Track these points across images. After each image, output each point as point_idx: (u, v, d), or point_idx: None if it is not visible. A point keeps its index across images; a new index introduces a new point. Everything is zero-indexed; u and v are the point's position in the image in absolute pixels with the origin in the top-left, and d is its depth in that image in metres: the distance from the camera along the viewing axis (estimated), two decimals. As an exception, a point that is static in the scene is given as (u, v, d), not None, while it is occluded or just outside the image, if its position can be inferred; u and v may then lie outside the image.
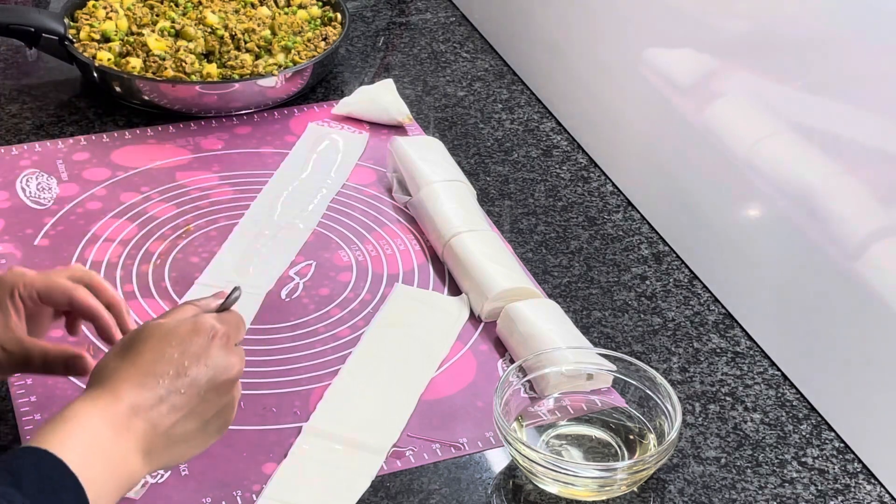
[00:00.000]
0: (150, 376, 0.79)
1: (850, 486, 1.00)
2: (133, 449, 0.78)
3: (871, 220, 1.01)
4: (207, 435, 0.83)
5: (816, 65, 1.05)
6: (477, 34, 1.65)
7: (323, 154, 1.37)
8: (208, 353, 0.82)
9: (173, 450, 0.81)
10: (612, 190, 1.34)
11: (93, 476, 0.74)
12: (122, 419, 0.77)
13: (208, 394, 0.82)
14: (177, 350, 0.81)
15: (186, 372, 0.80)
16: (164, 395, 0.79)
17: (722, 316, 1.17)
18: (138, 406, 0.78)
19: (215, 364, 0.82)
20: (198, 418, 0.81)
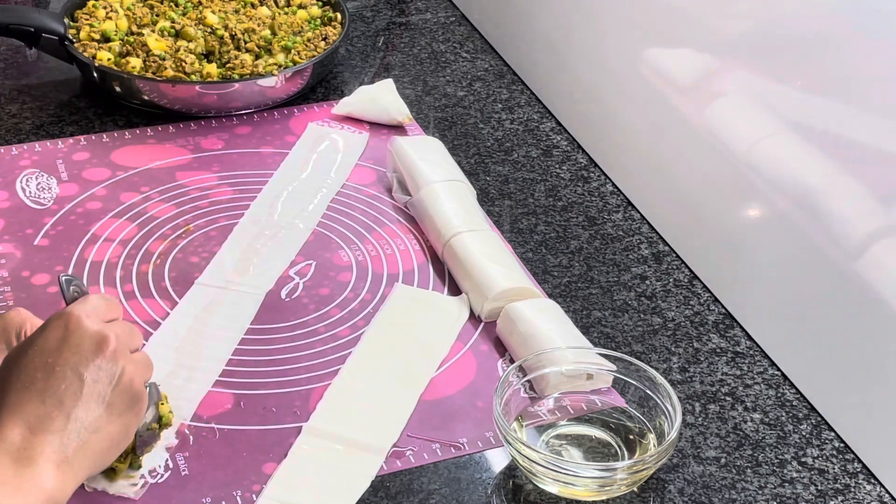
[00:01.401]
0: (22, 392, 0.75)
1: (850, 486, 1.00)
2: (43, 468, 0.74)
3: (871, 220, 1.01)
4: (118, 415, 0.80)
5: (816, 65, 1.05)
6: (477, 34, 1.65)
7: (323, 154, 1.37)
8: (68, 340, 0.79)
9: (91, 445, 0.77)
10: (612, 190, 1.34)
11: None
12: (18, 447, 0.73)
13: (90, 374, 0.78)
14: (35, 354, 0.78)
15: (55, 368, 0.77)
16: (44, 399, 0.75)
17: (722, 316, 1.17)
18: (27, 425, 0.74)
19: (80, 345, 0.78)
20: (96, 403, 0.78)
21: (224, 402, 1.04)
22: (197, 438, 1.01)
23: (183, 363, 1.08)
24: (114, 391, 0.79)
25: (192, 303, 1.15)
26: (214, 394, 1.05)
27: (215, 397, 1.05)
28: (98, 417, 0.78)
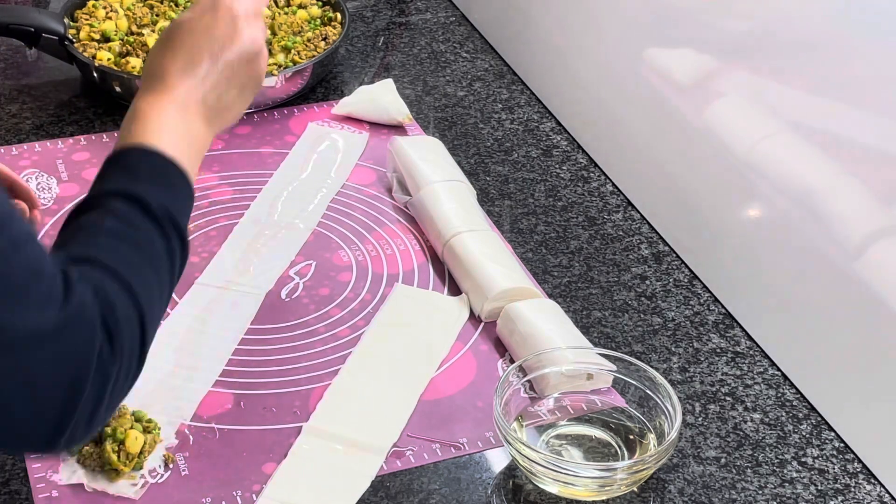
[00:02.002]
0: (190, 64, 0.91)
1: (850, 486, 1.00)
2: (197, 122, 0.91)
3: (871, 220, 1.01)
4: (246, 98, 0.96)
5: (817, 65, 1.05)
6: (477, 34, 1.65)
7: (323, 154, 1.37)
8: (233, 34, 0.93)
9: (223, 115, 0.94)
10: (612, 190, 1.34)
11: (180, 152, 0.88)
12: (181, 102, 0.90)
13: (240, 67, 0.94)
14: (204, 35, 0.93)
15: (219, 54, 0.92)
16: (205, 76, 0.92)
17: (722, 316, 1.17)
18: (188, 89, 0.91)
19: (241, 41, 0.94)
20: (236, 87, 0.94)
21: (224, 402, 1.04)
22: (197, 438, 1.01)
23: (183, 363, 1.08)
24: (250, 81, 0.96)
25: (192, 303, 1.15)
26: (214, 394, 1.05)
27: (215, 397, 1.05)
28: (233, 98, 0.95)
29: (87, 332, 0.75)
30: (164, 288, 0.84)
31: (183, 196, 0.87)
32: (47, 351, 0.72)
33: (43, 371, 0.73)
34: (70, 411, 0.74)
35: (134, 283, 0.79)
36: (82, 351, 0.74)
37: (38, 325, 0.72)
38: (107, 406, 0.77)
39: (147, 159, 0.86)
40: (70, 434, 0.75)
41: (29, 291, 0.72)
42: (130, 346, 0.78)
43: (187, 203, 0.88)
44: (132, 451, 0.96)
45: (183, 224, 0.86)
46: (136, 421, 0.98)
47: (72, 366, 0.74)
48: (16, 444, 0.80)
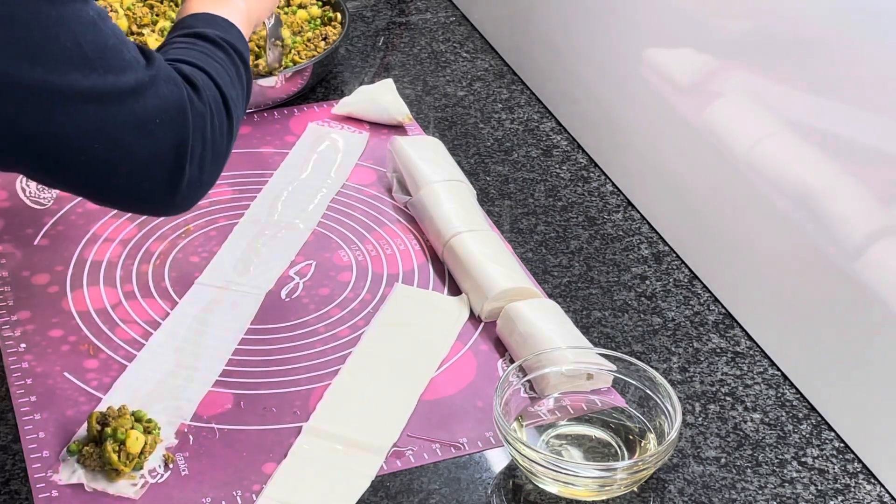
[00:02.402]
0: None
1: (850, 486, 1.00)
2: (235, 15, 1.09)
3: (871, 220, 1.01)
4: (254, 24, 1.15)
5: (816, 65, 1.05)
6: (477, 34, 1.65)
7: (323, 154, 1.37)
8: None
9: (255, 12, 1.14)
10: (612, 190, 1.34)
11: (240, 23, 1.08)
12: None
13: None
14: None
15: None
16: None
17: (722, 316, 1.17)
18: None
19: None
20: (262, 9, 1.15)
21: (224, 402, 1.04)
22: (197, 438, 1.01)
23: (183, 363, 1.08)
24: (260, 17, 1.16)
25: (192, 303, 1.15)
26: (214, 394, 1.05)
27: (215, 397, 1.05)
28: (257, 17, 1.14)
29: (173, 82, 0.92)
30: (233, 80, 1.00)
31: (244, 47, 1.05)
32: (147, 97, 0.89)
33: (148, 114, 0.89)
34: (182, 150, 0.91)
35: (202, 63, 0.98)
36: (175, 94, 0.92)
37: (135, 79, 0.89)
38: (212, 155, 0.95)
39: (200, 17, 1.05)
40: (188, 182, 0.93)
41: (121, 53, 0.89)
42: (216, 102, 0.96)
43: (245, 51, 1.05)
44: (133, 451, 0.96)
45: (243, 50, 1.04)
46: (136, 421, 0.98)
47: (171, 107, 0.91)
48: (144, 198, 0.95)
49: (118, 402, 1.01)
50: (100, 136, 0.88)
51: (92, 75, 0.86)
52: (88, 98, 0.87)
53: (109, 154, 0.89)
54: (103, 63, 0.87)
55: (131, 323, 1.12)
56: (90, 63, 0.86)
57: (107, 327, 1.12)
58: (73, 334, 1.10)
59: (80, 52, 0.86)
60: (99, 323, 1.12)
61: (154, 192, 0.94)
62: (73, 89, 0.86)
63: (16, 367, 1.06)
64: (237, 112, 1.01)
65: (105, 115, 0.88)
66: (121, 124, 0.88)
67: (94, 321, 1.12)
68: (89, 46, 0.86)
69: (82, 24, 0.86)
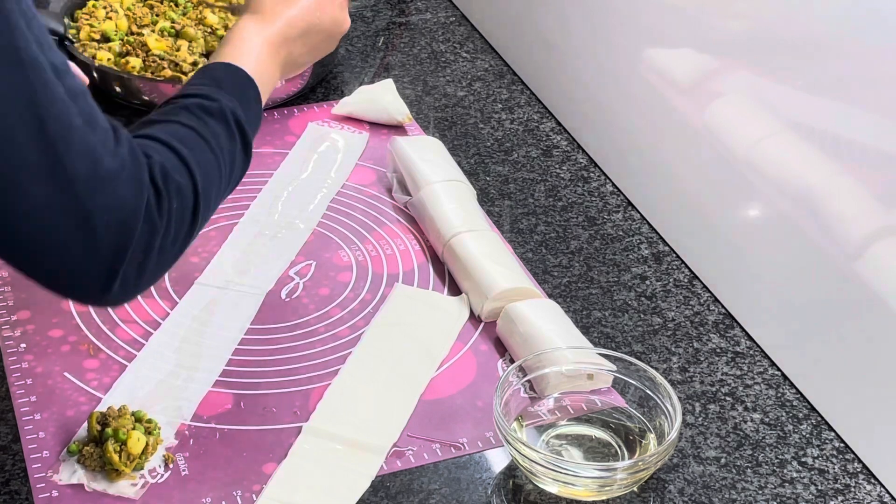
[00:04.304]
0: (295, 17, 1.04)
1: (850, 486, 1.00)
2: (275, 67, 1.04)
3: (871, 220, 1.01)
4: (306, 65, 1.09)
5: (817, 65, 1.05)
6: (477, 34, 1.65)
7: (323, 154, 1.37)
8: (332, 8, 1.07)
9: (291, 69, 1.07)
10: (612, 190, 1.34)
11: (258, 79, 1.00)
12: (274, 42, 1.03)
13: (326, 40, 1.08)
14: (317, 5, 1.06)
15: (318, 20, 1.06)
16: (301, 33, 1.05)
17: (722, 316, 1.17)
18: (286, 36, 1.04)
19: (335, 18, 1.08)
20: (313, 55, 1.08)
21: (224, 402, 1.04)
22: (197, 438, 1.01)
23: (183, 363, 1.08)
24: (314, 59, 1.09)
25: (192, 303, 1.15)
26: (214, 394, 1.05)
27: (215, 397, 1.05)
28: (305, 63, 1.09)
29: (135, 183, 0.82)
30: (223, 175, 0.93)
31: (254, 112, 0.98)
32: (101, 193, 0.79)
33: (96, 210, 0.80)
34: (121, 254, 0.81)
35: (189, 159, 0.88)
36: (131, 198, 0.81)
37: (91, 169, 0.79)
38: (155, 263, 0.85)
39: (231, 74, 0.99)
40: (121, 283, 0.83)
41: (84, 137, 0.79)
42: (180, 211, 0.87)
43: (256, 119, 0.99)
44: (134, 452, 0.96)
45: (250, 133, 0.96)
46: (136, 421, 0.98)
47: (122, 210, 0.81)
48: (72, 287, 0.85)
49: (118, 402, 1.01)
50: (38, 217, 0.79)
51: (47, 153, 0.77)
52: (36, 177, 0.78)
53: (43, 237, 0.80)
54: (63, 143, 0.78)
55: (131, 323, 1.12)
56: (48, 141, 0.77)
57: (107, 327, 1.12)
58: (73, 334, 1.10)
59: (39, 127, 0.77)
60: (99, 323, 1.12)
61: (84, 285, 0.84)
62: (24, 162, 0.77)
63: (16, 367, 1.06)
64: (207, 213, 0.92)
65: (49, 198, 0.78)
66: (63, 211, 0.79)
67: (94, 321, 1.12)
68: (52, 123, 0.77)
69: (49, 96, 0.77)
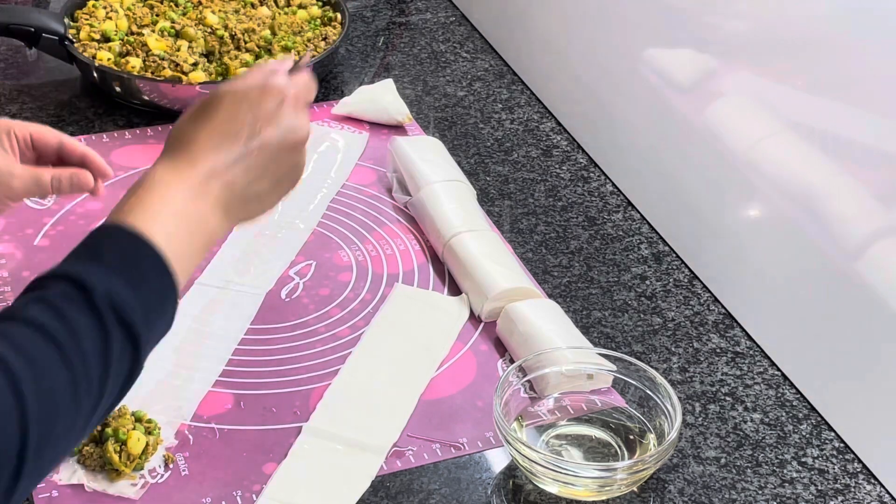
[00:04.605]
0: (225, 138, 0.82)
1: (850, 486, 1.00)
2: (211, 210, 0.81)
3: (871, 220, 1.01)
4: (278, 194, 0.87)
5: (816, 65, 1.05)
6: (477, 34, 1.65)
7: (323, 154, 1.37)
8: (279, 115, 0.85)
9: (248, 207, 0.85)
10: (612, 190, 1.34)
11: (175, 243, 0.77)
12: (201, 182, 0.80)
13: (279, 154, 0.84)
14: (249, 113, 0.83)
15: (259, 133, 0.83)
16: (238, 156, 0.82)
17: (722, 316, 1.17)
18: (215, 168, 0.81)
19: (286, 125, 0.85)
20: (270, 177, 0.84)
21: (224, 402, 1.04)
22: (197, 438, 1.01)
23: (183, 363, 1.08)
24: (287, 175, 0.87)
25: (192, 303, 1.14)
26: (214, 394, 1.05)
27: (215, 397, 1.05)
28: (266, 190, 0.85)
29: None
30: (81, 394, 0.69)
31: (153, 291, 0.75)
32: None
33: None
34: None
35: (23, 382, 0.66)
36: None
37: None
38: None
39: (122, 243, 0.75)
40: None
41: None
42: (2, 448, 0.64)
43: (158, 300, 0.75)
44: (134, 452, 0.96)
45: (136, 323, 0.73)
46: (136, 421, 0.98)
47: None
48: None
49: (118, 402, 1.01)
50: None
51: None
52: None
53: None
54: None
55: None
56: None
57: (107, 327, 1.11)
58: (73, 334, 1.10)
59: None
60: (99, 323, 1.12)
61: None
62: None
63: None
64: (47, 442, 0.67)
65: None
66: None
67: (94, 321, 1.12)
68: None
69: None
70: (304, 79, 0.90)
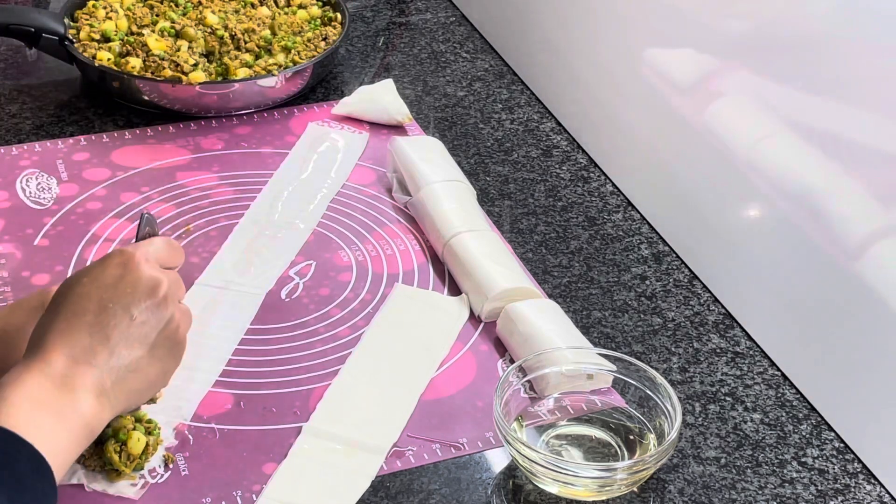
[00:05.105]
0: (73, 320, 0.78)
1: (850, 486, 1.00)
2: (82, 397, 0.77)
3: (871, 220, 1.01)
4: (158, 359, 0.82)
5: (816, 65, 1.05)
6: (477, 34, 1.65)
7: (323, 154, 1.37)
8: (125, 279, 0.81)
9: (128, 382, 0.80)
10: (612, 190, 1.34)
11: (46, 436, 0.72)
12: (60, 373, 0.76)
13: (139, 316, 0.81)
14: (91, 286, 0.80)
15: (107, 304, 0.79)
16: (91, 333, 0.78)
17: (722, 316, 1.17)
18: (72, 354, 0.77)
19: (135, 286, 0.81)
20: (139, 343, 0.80)
21: (224, 402, 1.04)
22: (197, 438, 1.01)
23: (183, 363, 1.07)
24: (159, 335, 0.83)
25: (192, 303, 1.14)
26: (214, 394, 1.05)
27: (215, 397, 1.05)
28: (140, 358, 0.81)
29: None
30: None
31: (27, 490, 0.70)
32: None
33: None
34: None
35: None
36: None
37: None
38: None
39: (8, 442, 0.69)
40: None
41: None
42: None
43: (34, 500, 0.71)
44: (134, 452, 0.96)
45: None
46: (136, 421, 0.98)
47: None
48: None
49: (118, 402, 1.01)
50: None
51: None
52: None
53: None
54: None
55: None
56: None
57: (107, 327, 1.12)
58: (73, 334, 1.10)
59: None
60: (99, 323, 1.12)
61: None
62: None
63: (16, 368, 1.06)
64: None
65: None
66: None
67: (94, 321, 1.12)
68: None
69: None
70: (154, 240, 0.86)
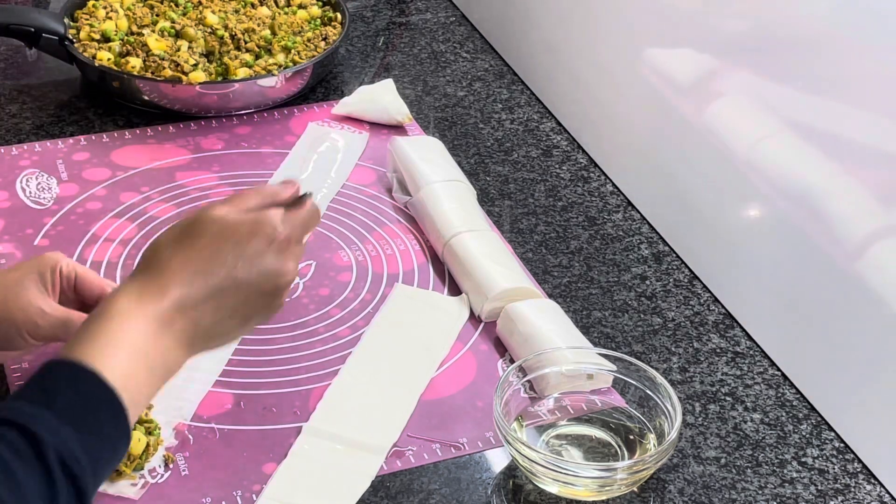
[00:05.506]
0: (199, 274, 0.78)
1: (850, 486, 1.00)
2: (173, 345, 0.78)
3: (871, 220, 1.01)
4: (247, 330, 0.84)
5: (817, 65, 1.05)
6: (477, 34, 1.65)
7: (323, 154, 1.37)
8: (263, 258, 0.80)
9: (212, 342, 0.82)
10: (612, 190, 1.34)
11: (135, 381, 0.74)
12: (166, 316, 0.77)
13: (255, 298, 0.81)
14: (232, 251, 0.79)
15: (237, 274, 0.79)
16: (210, 293, 0.78)
17: (722, 316, 1.17)
18: (183, 302, 0.78)
19: (268, 270, 0.81)
20: (239, 317, 0.81)
21: (224, 402, 1.04)
22: (197, 438, 1.01)
23: (183, 363, 1.08)
24: (259, 315, 0.83)
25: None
26: (214, 394, 1.05)
27: (215, 397, 1.05)
28: (232, 328, 0.82)
29: None
30: None
31: (106, 439, 0.71)
32: None
33: None
34: None
35: None
36: None
37: None
38: None
39: (77, 384, 0.71)
40: None
41: None
42: None
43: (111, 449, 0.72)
44: (134, 452, 0.96)
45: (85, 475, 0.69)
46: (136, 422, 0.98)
47: None
48: None
49: (118, 402, 1.01)
50: None
51: None
52: None
53: None
54: None
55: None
56: None
57: (107, 327, 1.11)
58: (73, 334, 1.10)
59: None
60: (99, 323, 1.12)
61: None
62: None
63: (16, 367, 1.06)
64: None
65: None
66: None
67: (94, 321, 1.12)
68: None
69: None
70: (302, 214, 0.85)
